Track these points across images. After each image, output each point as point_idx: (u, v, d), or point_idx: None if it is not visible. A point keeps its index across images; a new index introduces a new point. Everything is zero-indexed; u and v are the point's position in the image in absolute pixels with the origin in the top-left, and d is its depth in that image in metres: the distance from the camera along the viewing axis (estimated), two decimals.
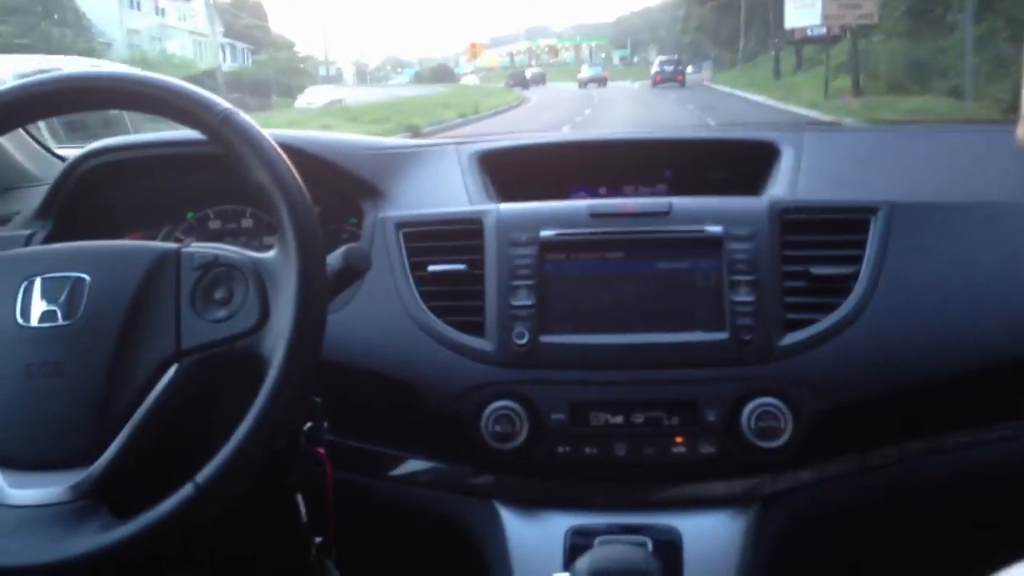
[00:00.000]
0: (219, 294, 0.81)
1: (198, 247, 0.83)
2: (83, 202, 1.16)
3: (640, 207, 1.00)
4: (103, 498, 0.76)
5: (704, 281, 0.95)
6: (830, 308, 0.94)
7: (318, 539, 0.93)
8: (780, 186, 1.06)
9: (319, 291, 0.77)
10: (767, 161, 1.12)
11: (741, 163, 1.17)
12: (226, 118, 0.79)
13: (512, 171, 1.18)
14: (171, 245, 0.83)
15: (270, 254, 0.81)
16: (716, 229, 0.96)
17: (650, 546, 0.86)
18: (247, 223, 1.23)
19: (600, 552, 0.76)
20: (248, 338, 0.79)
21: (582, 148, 1.27)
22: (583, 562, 0.75)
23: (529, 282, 0.96)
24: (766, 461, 0.92)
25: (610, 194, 1.22)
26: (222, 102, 0.80)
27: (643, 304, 0.96)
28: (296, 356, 0.75)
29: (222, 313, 0.80)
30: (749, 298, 0.93)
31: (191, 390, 0.79)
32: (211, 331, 0.79)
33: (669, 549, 0.88)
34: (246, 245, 1.00)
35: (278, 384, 0.74)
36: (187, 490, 0.72)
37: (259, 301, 0.79)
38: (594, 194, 1.21)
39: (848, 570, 1.11)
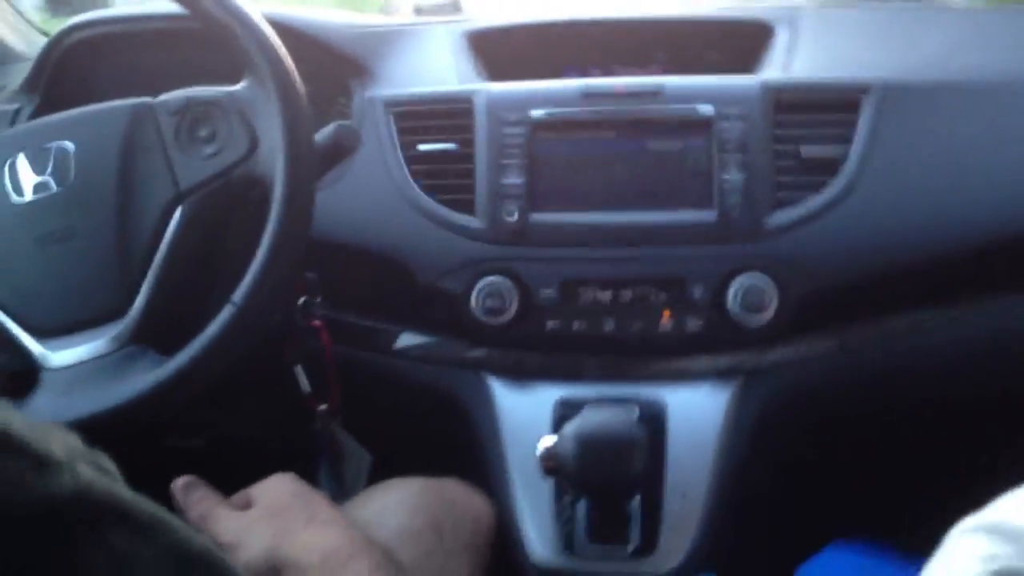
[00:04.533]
0: (203, 132, 0.83)
1: (169, 94, 0.85)
2: (68, 76, 1.15)
3: (631, 87, 0.99)
4: (147, 341, 0.79)
5: (694, 160, 0.96)
6: (820, 188, 0.94)
7: (322, 407, 0.96)
8: (774, 65, 1.05)
9: (300, 107, 0.79)
10: (762, 40, 1.11)
11: (736, 42, 1.15)
12: None
13: (503, 50, 1.16)
14: (142, 99, 0.85)
15: (241, 85, 0.83)
16: (707, 108, 0.96)
17: (636, 413, 0.89)
18: None
19: (587, 417, 0.79)
20: (244, 164, 0.81)
21: (575, 28, 1.25)
22: (570, 427, 0.78)
23: (519, 161, 0.96)
24: (751, 337, 0.95)
25: (602, 74, 1.21)
26: None
27: (633, 183, 0.96)
28: (296, 166, 0.77)
29: (211, 149, 0.83)
30: (738, 177, 0.93)
31: (203, 227, 0.82)
32: (205, 167, 0.82)
33: (654, 418, 0.91)
34: None
35: (287, 193, 0.76)
36: (227, 311, 0.75)
37: (244, 129, 0.82)
38: (585, 74, 1.20)
39: (826, 448, 1.16)
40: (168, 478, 0.75)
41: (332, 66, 1.13)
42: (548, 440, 0.79)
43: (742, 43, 1.13)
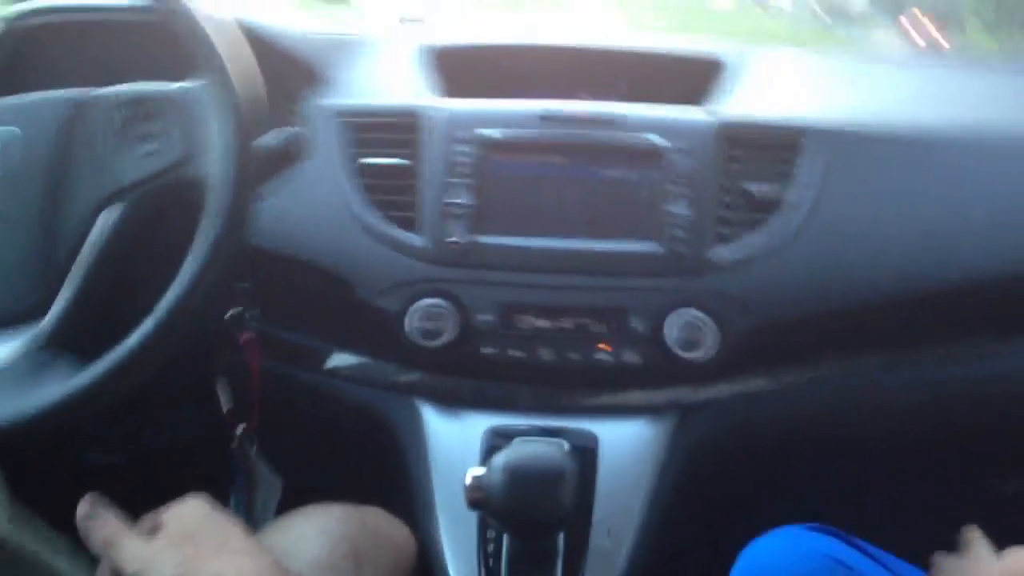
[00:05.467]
0: (145, 129, 0.79)
1: (117, 88, 0.81)
2: (22, 62, 1.11)
3: (589, 113, 0.98)
4: (64, 346, 0.75)
5: (645, 191, 0.95)
6: (761, 226, 0.94)
7: (241, 427, 0.93)
8: (726, 101, 1.05)
9: (242, 112, 0.75)
10: (714, 75, 1.11)
11: (690, 76, 1.15)
12: None
13: (464, 69, 1.15)
14: (88, 90, 0.81)
15: (188, 83, 0.79)
16: (659, 139, 0.95)
17: (567, 447, 0.87)
18: None
19: (516, 449, 0.77)
20: (181, 167, 0.77)
21: (538, 52, 1.24)
22: (499, 458, 0.75)
23: (468, 180, 0.94)
24: (688, 373, 0.93)
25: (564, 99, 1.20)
26: None
27: (582, 211, 0.95)
28: (234, 173, 0.73)
29: (151, 147, 0.78)
30: (685, 211, 0.92)
31: (134, 229, 0.78)
32: (142, 166, 0.78)
33: (585, 452, 0.89)
34: None
35: (222, 201, 0.72)
36: (150, 322, 0.70)
37: (188, 129, 0.78)
38: (546, 97, 1.19)
39: (760, 486, 1.15)
40: (80, 496, 0.71)
41: (286, 72, 1.10)
42: (476, 471, 0.76)
43: (696, 78, 1.13)
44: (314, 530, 0.78)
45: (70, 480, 0.83)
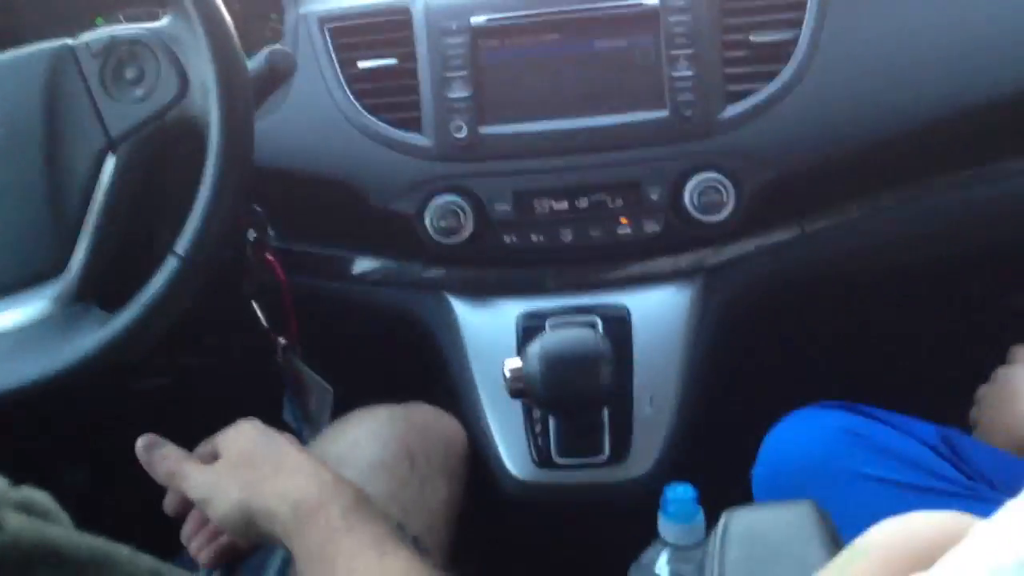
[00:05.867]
0: (130, 74, 0.78)
1: (90, 34, 0.80)
2: None
3: None
4: (89, 298, 0.76)
5: (643, 58, 0.93)
6: (771, 77, 0.92)
7: (282, 341, 0.95)
8: None
9: (230, 40, 0.75)
10: None
11: None
12: None
13: None
14: (62, 41, 0.80)
15: (165, 21, 0.78)
16: (652, 1, 0.92)
17: (600, 325, 0.88)
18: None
19: (550, 337, 0.78)
20: (176, 106, 0.77)
21: None
22: (534, 347, 0.77)
23: (463, 72, 0.93)
24: (710, 235, 0.94)
25: None
26: None
27: (582, 87, 0.94)
28: (231, 103, 0.73)
29: (140, 91, 0.78)
30: (688, 72, 0.91)
31: (139, 174, 0.78)
32: (136, 111, 0.77)
33: (618, 326, 0.91)
34: None
35: (224, 133, 0.72)
36: (171, 262, 0.72)
37: (174, 68, 0.77)
38: None
39: (791, 334, 1.17)
40: (137, 421, 0.74)
41: None
42: (513, 362, 0.78)
43: None
44: (365, 434, 0.80)
45: (122, 408, 0.86)
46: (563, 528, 0.96)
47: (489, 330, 0.94)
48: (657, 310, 0.93)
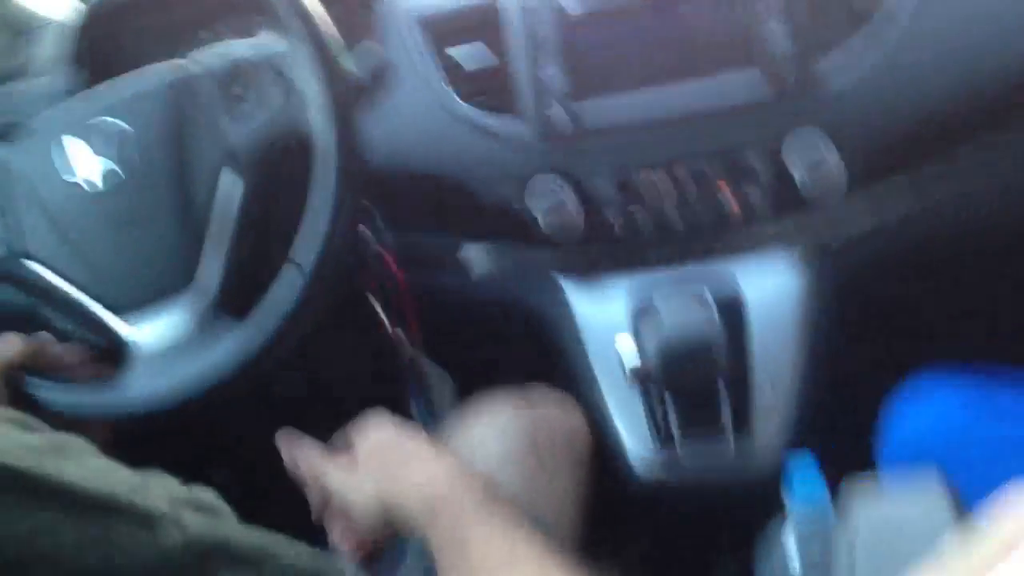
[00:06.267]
0: (239, 90, 0.84)
1: (209, 57, 0.85)
2: (108, 43, 1.14)
3: None
4: (224, 309, 0.82)
5: (734, 16, 0.91)
6: (865, 23, 0.89)
7: (400, 333, 0.98)
8: None
9: (333, 56, 0.80)
10: None
11: None
12: None
13: None
14: (179, 63, 0.86)
15: (270, 38, 0.84)
16: None
17: (709, 297, 0.88)
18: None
19: (665, 322, 0.79)
20: (284, 119, 0.82)
21: None
22: (650, 337, 0.78)
23: (555, 54, 0.93)
24: (816, 197, 0.92)
25: None
26: None
27: (671, 54, 0.92)
28: (338, 117, 0.78)
29: (251, 107, 0.83)
30: (779, 26, 0.88)
31: (260, 186, 0.83)
32: (251, 127, 0.83)
33: (731, 302, 0.90)
34: None
35: (336, 148, 0.77)
36: (295, 274, 0.77)
37: (282, 85, 0.82)
38: None
39: (910, 302, 1.13)
40: (276, 425, 0.79)
41: None
42: (628, 347, 0.79)
43: None
44: (492, 431, 0.83)
45: (265, 419, 0.91)
46: (689, 505, 0.97)
47: (600, 309, 0.95)
48: (769, 283, 0.92)
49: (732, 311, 0.90)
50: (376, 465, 0.69)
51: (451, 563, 0.62)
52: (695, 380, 0.79)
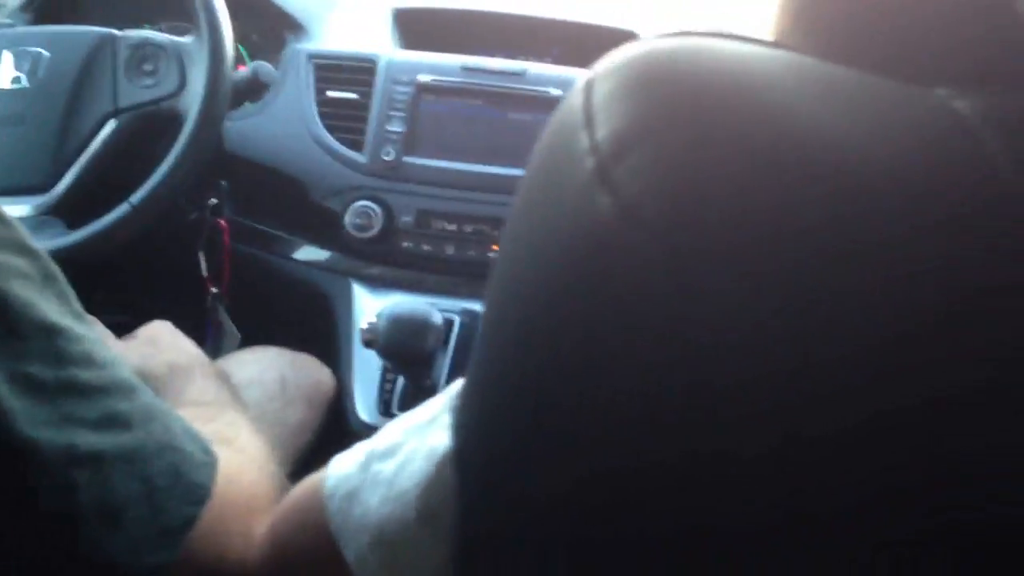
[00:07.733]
0: (147, 67, 1.09)
1: (132, 31, 1.10)
2: (60, 3, 1.38)
3: (502, 68, 1.23)
4: (59, 214, 1.04)
5: (542, 130, 1.19)
6: None
7: (214, 289, 1.20)
8: None
9: (224, 67, 1.04)
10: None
11: (612, 45, 1.38)
12: None
13: (423, 26, 1.41)
14: (110, 30, 1.10)
15: (188, 38, 1.09)
16: (556, 92, 1.20)
17: (438, 316, 1.10)
18: None
19: (399, 305, 1.03)
20: (170, 99, 1.07)
21: (488, 17, 1.49)
22: (385, 310, 1.01)
23: (403, 114, 1.20)
24: None
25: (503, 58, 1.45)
26: None
27: (490, 143, 1.20)
28: (207, 110, 1.03)
29: (149, 82, 1.08)
30: None
31: (127, 140, 1.07)
32: (140, 94, 1.08)
33: (473, 325, 1.14)
34: None
35: (193, 128, 1.02)
36: (123, 208, 1.01)
37: (179, 72, 1.07)
38: (487, 55, 1.44)
39: None
40: None
41: (276, 20, 1.37)
42: (370, 319, 1.03)
43: (615, 46, 1.36)
44: (251, 358, 1.03)
45: None
46: None
47: (374, 309, 1.17)
48: None
49: (471, 331, 1.13)
50: (142, 343, 0.88)
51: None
52: (409, 354, 1.01)
